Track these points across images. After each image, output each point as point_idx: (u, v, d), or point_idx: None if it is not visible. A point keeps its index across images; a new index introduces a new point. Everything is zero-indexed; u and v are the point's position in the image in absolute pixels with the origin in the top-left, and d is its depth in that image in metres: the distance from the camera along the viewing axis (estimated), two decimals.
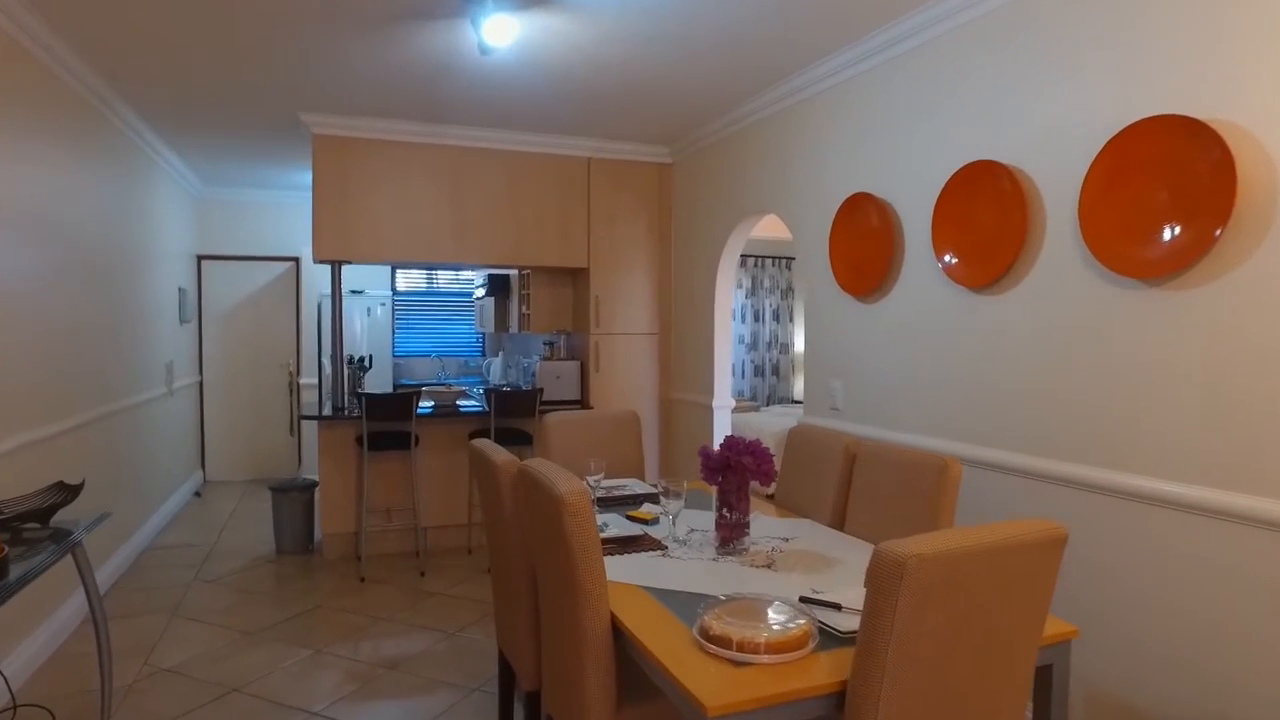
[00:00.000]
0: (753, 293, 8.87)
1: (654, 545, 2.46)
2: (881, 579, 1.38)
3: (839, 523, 2.78)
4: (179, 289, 6.32)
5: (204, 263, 7.20)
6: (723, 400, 5.10)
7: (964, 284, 3.02)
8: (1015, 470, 2.79)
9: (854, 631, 1.73)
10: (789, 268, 9.06)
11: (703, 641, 1.69)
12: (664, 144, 5.47)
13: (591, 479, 2.96)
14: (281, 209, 7.35)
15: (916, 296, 3.31)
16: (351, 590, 4.32)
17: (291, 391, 7.48)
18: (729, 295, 5.12)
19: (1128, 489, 2.39)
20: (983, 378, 2.96)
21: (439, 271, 8.13)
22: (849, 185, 3.72)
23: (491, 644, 3.62)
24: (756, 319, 8.89)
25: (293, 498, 4.95)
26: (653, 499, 3.08)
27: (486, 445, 2.47)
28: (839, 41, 3.51)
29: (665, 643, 1.73)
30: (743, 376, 8.82)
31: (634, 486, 3.23)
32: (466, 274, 8.20)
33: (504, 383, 7.18)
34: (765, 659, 1.61)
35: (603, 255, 5.44)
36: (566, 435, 3.42)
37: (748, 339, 8.86)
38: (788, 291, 9.08)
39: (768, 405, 8.79)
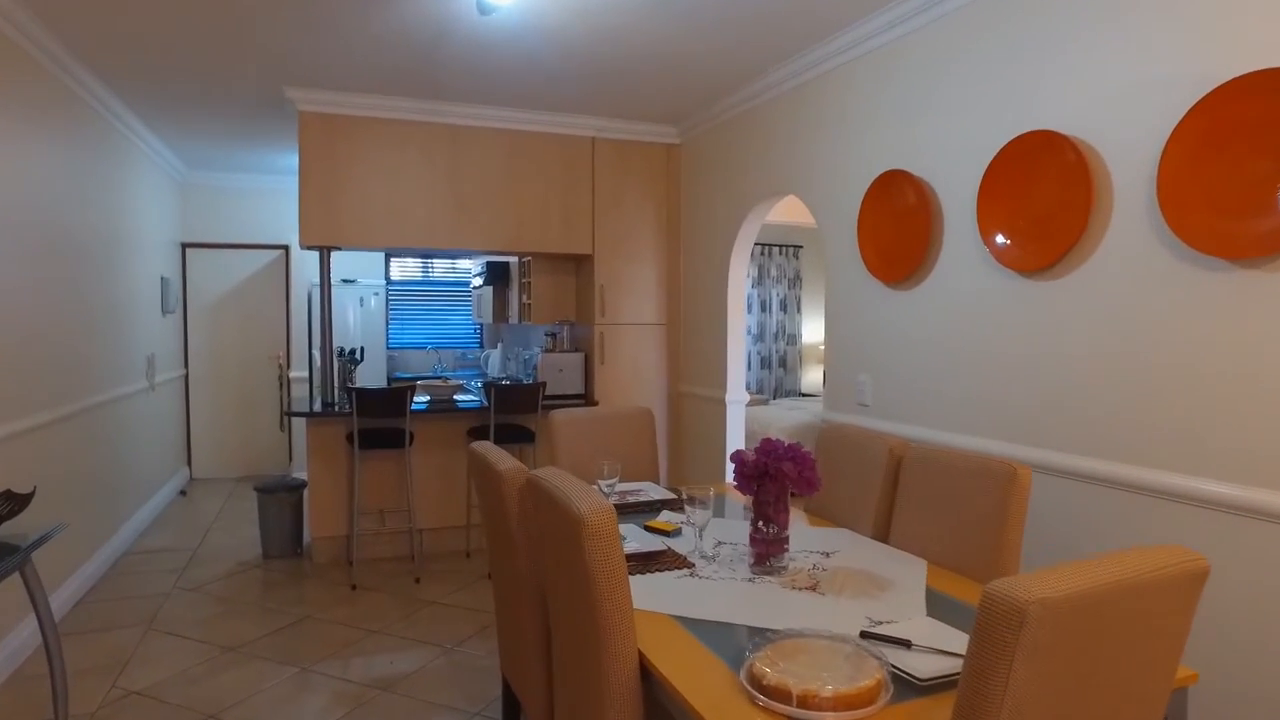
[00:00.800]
0: (759, 282, 8.58)
1: (678, 562, 2.17)
2: (994, 628, 1.09)
3: (882, 534, 2.49)
4: (161, 278, 6.01)
5: (189, 251, 6.88)
6: (736, 394, 4.81)
7: (1014, 268, 2.73)
8: (1074, 474, 2.50)
9: (935, 678, 1.44)
10: (797, 256, 8.77)
11: (753, 692, 1.40)
12: (671, 123, 5.16)
13: (604, 483, 2.68)
14: (270, 194, 7.03)
15: (957, 282, 3.03)
16: (342, 599, 4.03)
17: (282, 385, 7.19)
18: (743, 283, 4.83)
19: (1213, 498, 2.11)
20: (1035, 371, 2.67)
21: (435, 260, 7.83)
22: (880, 163, 3.42)
23: (493, 660, 3.34)
24: (763, 309, 8.61)
25: (280, 499, 4.66)
26: (671, 505, 2.79)
27: (488, 450, 2.17)
28: (865, 7, 3.21)
29: (706, 691, 1.44)
30: (749, 369, 8.53)
31: (650, 491, 2.94)
32: (464, 262, 7.90)
33: (503, 375, 6.89)
34: (831, 716, 1.33)
35: (608, 241, 5.14)
36: (575, 434, 3.13)
37: (754, 330, 8.57)
38: (795, 281, 8.80)
39: (775, 398, 8.50)
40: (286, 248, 7.07)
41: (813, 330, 8.95)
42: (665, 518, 2.63)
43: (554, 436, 3.10)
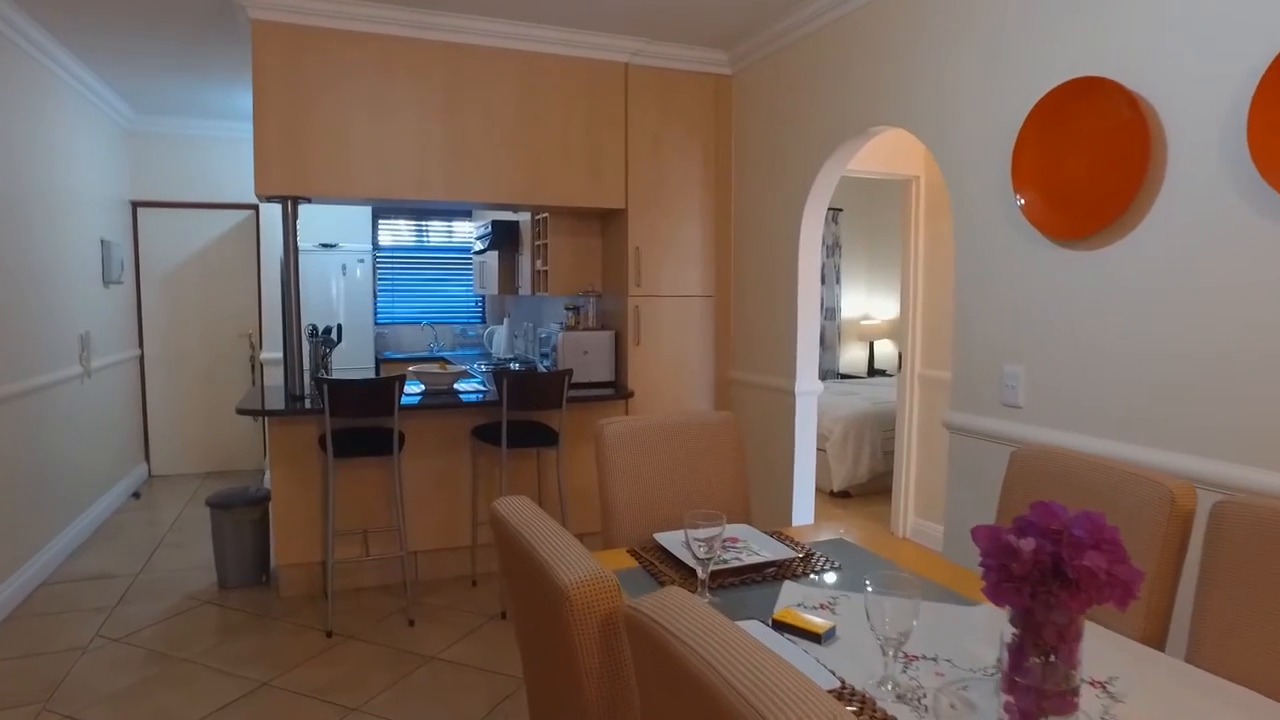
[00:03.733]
0: None
1: (868, 710, 1.24)
2: None
3: (1155, 636, 1.56)
4: (101, 241, 5.01)
5: (140, 210, 5.87)
6: (808, 384, 3.87)
7: None
8: None
9: None
10: (836, 220, 7.79)
11: None
12: (721, 48, 4.16)
13: (697, 538, 1.72)
14: (236, 144, 6.00)
15: (1189, 234, 2.07)
16: (313, 652, 3.11)
17: (254, 368, 6.22)
18: (817, 247, 3.86)
19: None
20: None
21: (430, 222, 6.82)
22: (1054, 71, 2.44)
23: None
24: None
25: (238, 516, 3.71)
26: (791, 569, 1.85)
27: (528, 521, 1.22)
28: None
29: None
30: None
31: (752, 542, 2.00)
32: (463, 225, 6.90)
33: (510, 356, 5.93)
34: None
35: (644, 194, 4.16)
36: (633, 453, 2.18)
37: None
38: (834, 248, 7.82)
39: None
40: (256, 207, 6.06)
41: (853, 304, 8.00)
42: (792, 597, 1.69)
43: (606, 457, 2.15)
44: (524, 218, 5.10)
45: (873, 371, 7.91)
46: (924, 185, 4.46)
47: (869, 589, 1.32)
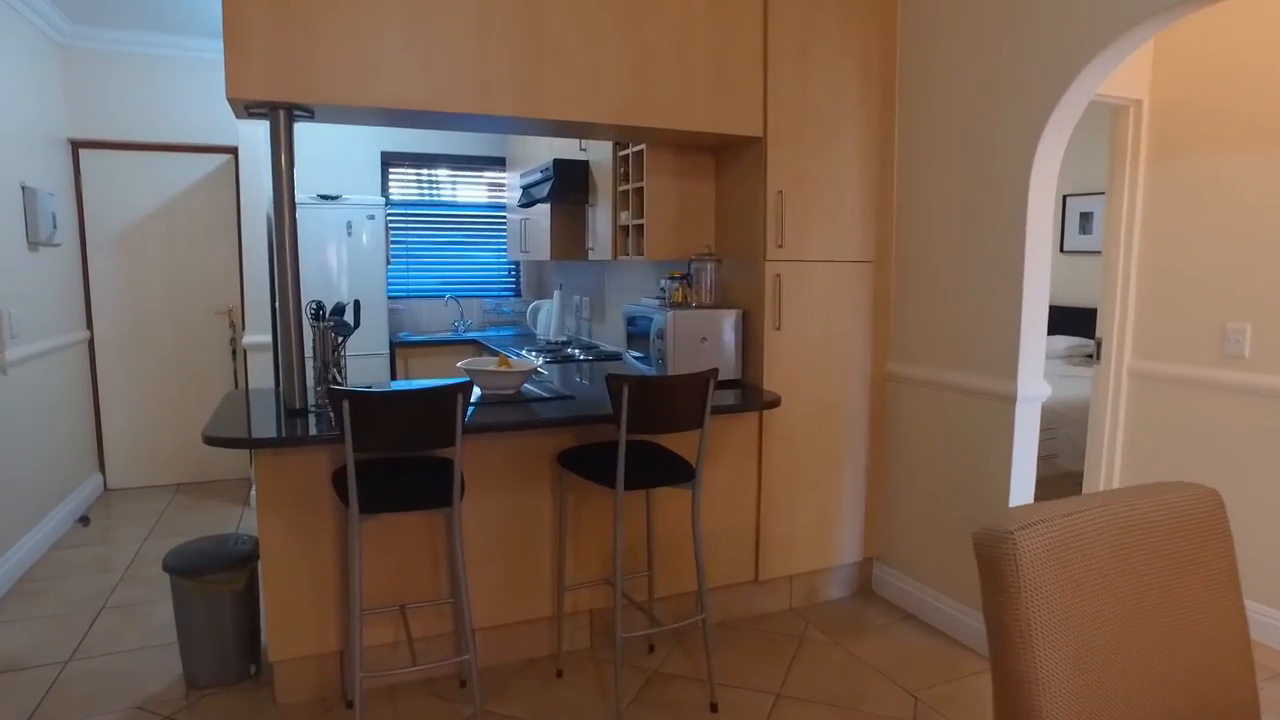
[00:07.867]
0: None
1: None
2: None
3: None
4: (22, 188, 3.74)
5: (83, 153, 4.58)
6: (1034, 385, 2.71)
7: None
8: None
9: None
10: None
11: None
12: None
13: None
14: (208, 68, 4.72)
15: None
16: None
17: (235, 355, 4.99)
18: (1051, 195, 2.68)
19: None
20: None
21: (439, 170, 5.54)
22: None
23: None
24: None
25: (211, 586, 2.51)
26: None
27: None
28: None
29: None
30: None
31: None
32: (473, 177, 5.63)
33: (562, 339, 4.74)
34: None
35: (789, 117, 2.94)
36: (1075, 588, 0.99)
37: None
38: None
39: None
40: (235, 150, 4.78)
41: None
42: None
43: (1023, 599, 0.96)
44: (599, 155, 3.85)
45: None
46: (1148, 111, 3.27)
47: None
